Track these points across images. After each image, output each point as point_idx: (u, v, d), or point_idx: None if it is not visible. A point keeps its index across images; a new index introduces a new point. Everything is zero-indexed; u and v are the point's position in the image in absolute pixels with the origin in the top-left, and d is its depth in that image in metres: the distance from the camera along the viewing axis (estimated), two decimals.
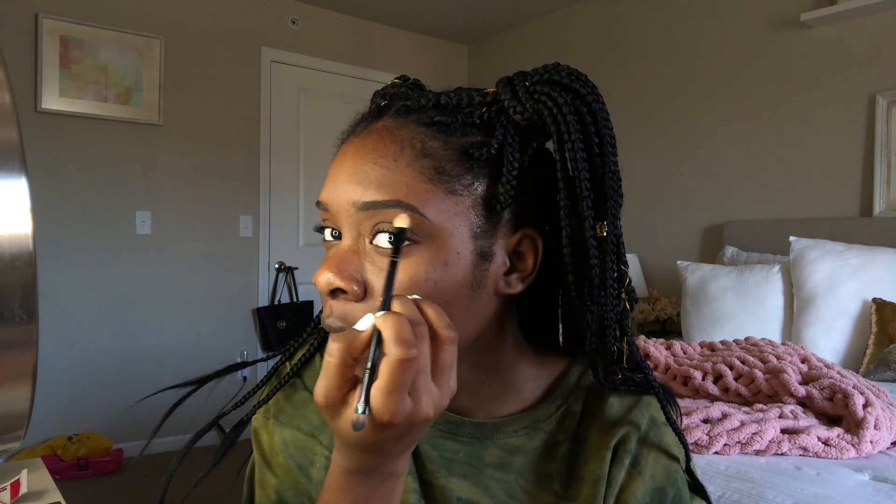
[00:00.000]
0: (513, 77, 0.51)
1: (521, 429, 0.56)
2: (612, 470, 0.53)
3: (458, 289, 0.49)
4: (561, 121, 0.48)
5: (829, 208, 2.74)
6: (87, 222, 3.17)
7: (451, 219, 0.48)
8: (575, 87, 0.49)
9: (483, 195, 0.49)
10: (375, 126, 0.50)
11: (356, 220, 0.48)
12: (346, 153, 0.50)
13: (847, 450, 1.34)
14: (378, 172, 0.48)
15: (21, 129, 0.59)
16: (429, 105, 0.50)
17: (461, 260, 0.48)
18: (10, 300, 0.55)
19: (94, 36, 3.12)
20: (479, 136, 0.50)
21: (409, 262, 0.47)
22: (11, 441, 0.66)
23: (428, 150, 0.48)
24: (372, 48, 4.08)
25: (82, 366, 3.14)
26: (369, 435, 0.40)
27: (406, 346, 0.38)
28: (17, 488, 0.82)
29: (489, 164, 0.49)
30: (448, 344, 0.41)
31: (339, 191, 0.49)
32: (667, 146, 3.33)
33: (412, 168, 0.47)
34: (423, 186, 0.47)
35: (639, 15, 3.46)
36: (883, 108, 2.57)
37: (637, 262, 3.26)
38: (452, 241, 0.48)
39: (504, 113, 0.50)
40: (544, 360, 0.58)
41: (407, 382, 0.39)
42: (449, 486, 0.56)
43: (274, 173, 3.72)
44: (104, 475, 2.96)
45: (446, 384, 0.42)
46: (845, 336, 2.26)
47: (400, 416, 0.39)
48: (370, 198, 0.47)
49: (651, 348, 1.86)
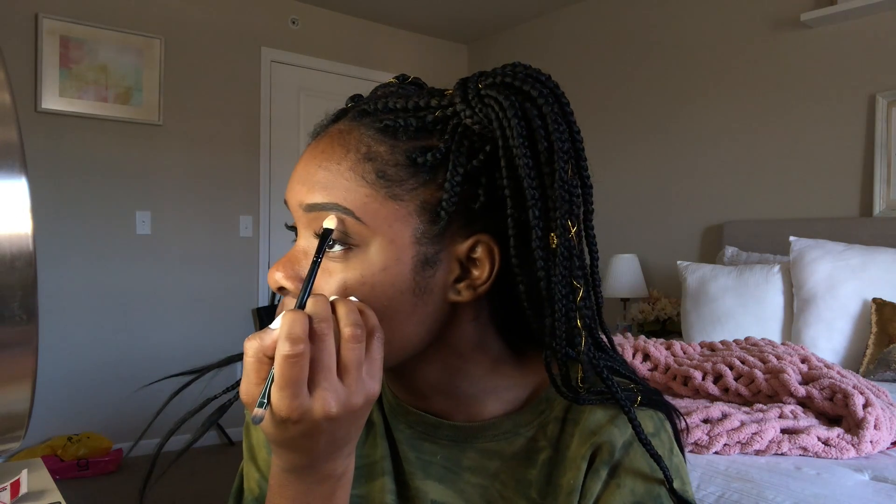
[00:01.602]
0: (468, 79, 0.49)
1: (500, 433, 0.54)
2: (586, 481, 0.51)
3: (397, 294, 0.48)
4: (506, 125, 0.46)
5: (829, 208, 2.74)
6: (87, 222, 3.17)
7: (390, 224, 0.47)
8: (525, 90, 0.47)
9: (427, 201, 0.48)
10: (330, 129, 0.51)
11: (305, 220, 0.49)
12: (304, 154, 0.51)
13: (847, 450, 1.34)
14: (321, 175, 0.48)
15: (21, 129, 0.59)
16: (384, 108, 0.49)
17: (400, 265, 0.48)
18: (10, 300, 0.55)
19: (94, 36, 3.12)
20: (430, 140, 0.49)
21: (346, 266, 0.47)
22: (11, 441, 0.66)
23: (373, 154, 0.48)
24: (372, 48, 4.08)
25: (82, 366, 3.14)
26: (276, 431, 0.42)
27: (292, 343, 0.39)
28: (17, 488, 0.82)
29: (436, 170, 0.48)
30: (352, 342, 0.42)
31: (292, 191, 0.50)
32: (666, 146, 3.33)
33: (353, 172, 0.47)
34: (362, 191, 0.47)
35: (638, 15, 3.46)
36: (883, 108, 2.57)
37: (637, 262, 3.26)
38: (391, 246, 0.47)
39: (456, 116, 0.48)
40: (528, 364, 0.56)
41: (296, 378, 0.40)
42: (424, 489, 0.55)
43: (274, 173, 3.72)
44: (104, 475, 2.96)
45: (355, 382, 0.42)
46: (845, 336, 2.26)
47: (296, 412, 0.40)
48: (312, 199, 0.48)
49: (651, 348, 1.86)
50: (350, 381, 0.42)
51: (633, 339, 1.99)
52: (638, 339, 1.95)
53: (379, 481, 0.57)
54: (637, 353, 1.87)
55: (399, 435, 0.58)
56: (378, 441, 0.58)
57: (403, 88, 0.54)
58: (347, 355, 0.42)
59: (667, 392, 1.77)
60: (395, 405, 0.59)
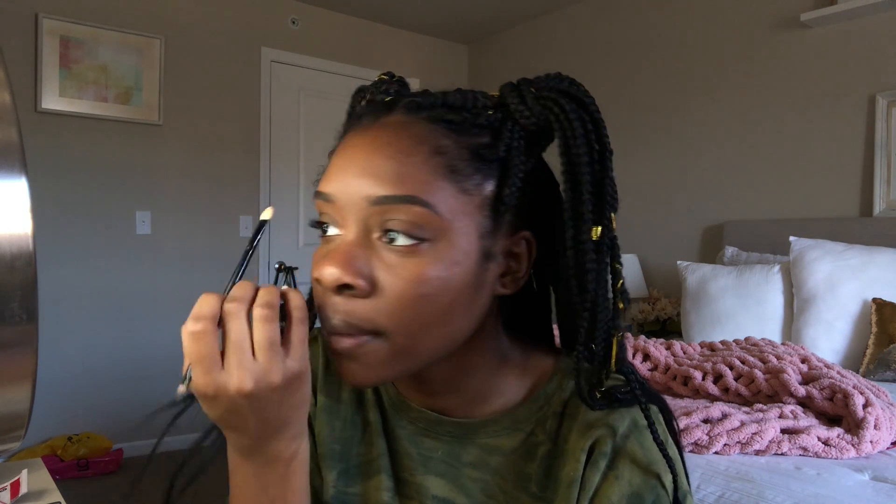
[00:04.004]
0: (518, 83, 0.51)
1: (501, 429, 0.55)
2: (586, 472, 0.51)
3: (463, 288, 0.49)
4: (567, 126, 0.48)
5: (829, 208, 2.74)
6: (87, 222, 3.17)
7: (461, 218, 0.48)
8: (579, 96, 0.50)
9: (490, 196, 0.49)
10: (387, 120, 0.50)
11: (366, 214, 0.47)
12: (357, 146, 0.49)
13: (847, 450, 1.34)
14: (393, 167, 0.47)
15: (21, 129, 0.59)
16: (438, 103, 0.50)
17: (468, 260, 0.48)
18: (10, 300, 0.55)
19: (94, 36, 3.12)
20: (486, 137, 0.50)
21: (421, 261, 0.47)
22: (11, 441, 0.67)
23: (442, 148, 0.48)
24: (372, 48, 4.08)
25: (82, 366, 3.14)
26: (205, 408, 0.45)
27: (194, 320, 0.43)
28: (17, 488, 0.82)
29: (497, 166, 0.49)
30: (261, 321, 0.44)
31: (350, 183, 0.48)
32: (666, 146, 3.33)
33: (427, 165, 0.47)
34: (437, 183, 0.47)
35: (638, 15, 3.46)
36: (883, 108, 2.57)
37: (637, 262, 3.26)
38: (462, 240, 0.48)
39: (511, 117, 0.50)
40: (529, 360, 0.58)
41: (204, 354, 0.43)
42: (425, 484, 0.56)
43: (274, 173, 3.72)
44: (104, 475, 2.96)
45: (270, 360, 0.44)
46: (845, 336, 2.26)
47: (210, 388, 0.43)
48: (385, 192, 0.47)
49: (651, 348, 1.86)
50: (263, 359, 0.44)
51: (633, 339, 1.99)
52: (638, 339, 1.95)
53: (375, 479, 0.58)
54: (637, 353, 1.87)
55: (400, 431, 0.58)
56: (375, 439, 0.59)
57: (401, 86, 0.54)
58: (257, 335, 0.44)
59: (667, 392, 1.77)
60: (396, 401, 0.59)
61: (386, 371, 0.49)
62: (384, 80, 0.54)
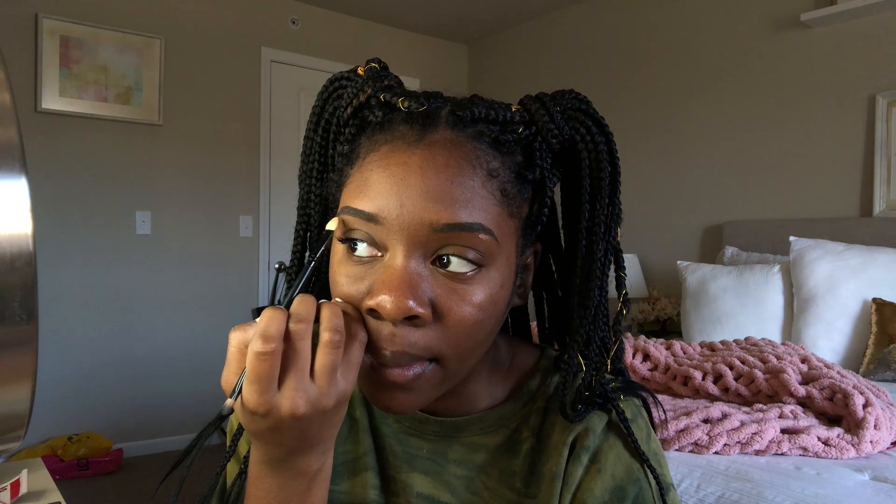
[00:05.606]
0: (542, 99, 0.51)
1: (486, 427, 0.56)
2: (568, 467, 0.52)
3: (504, 307, 0.50)
4: (592, 149, 0.51)
5: (829, 208, 2.74)
6: (87, 222, 3.17)
7: (508, 240, 0.48)
8: (596, 117, 0.51)
9: (524, 216, 0.50)
10: (434, 137, 0.47)
11: (426, 240, 0.45)
12: (407, 165, 0.45)
13: (847, 450, 1.34)
14: (457, 192, 0.45)
15: (21, 129, 0.59)
16: (479, 117, 0.48)
17: (509, 280, 0.49)
18: (10, 300, 0.55)
19: (94, 36, 3.12)
20: (520, 156, 0.50)
21: (477, 286, 0.46)
22: (11, 441, 0.66)
23: (494, 171, 0.47)
24: (372, 48, 4.08)
25: (82, 366, 3.14)
26: (246, 422, 0.43)
27: (264, 341, 0.40)
28: (17, 488, 0.82)
29: (531, 186, 0.50)
30: (329, 347, 0.42)
31: (406, 206, 0.44)
32: (666, 146, 3.33)
33: (485, 189, 0.46)
34: (494, 210, 0.46)
35: (638, 15, 3.46)
36: (883, 108, 2.57)
37: (637, 262, 3.26)
38: (507, 262, 0.49)
39: (540, 133, 0.50)
40: (513, 359, 0.58)
41: (265, 375, 0.41)
42: (409, 482, 0.56)
43: (274, 173, 3.72)
44: (104, 475, 2.96)
45: (328, 384, 0.42)
46: (845, 336, 2.26)
47: (263, 407, 0.41)
48: (451, 219, 0.44)
49: (651, 348, 1.86)
50: (322, 384, 0.42)
51: (633, 339, 1.99)
52: (638, 339, 1.95)
53: (362, 476, 0.58)
54: (637, 353, 1.87)
55: (386, 429, 0.59)
56: (361, 437, 0.59)
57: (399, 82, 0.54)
58: (322, 359, 0.42)
59: (667, 392, 1.77)
60: None
61: (434, 395, 0.49)
62: (377, 72, 0.54)
